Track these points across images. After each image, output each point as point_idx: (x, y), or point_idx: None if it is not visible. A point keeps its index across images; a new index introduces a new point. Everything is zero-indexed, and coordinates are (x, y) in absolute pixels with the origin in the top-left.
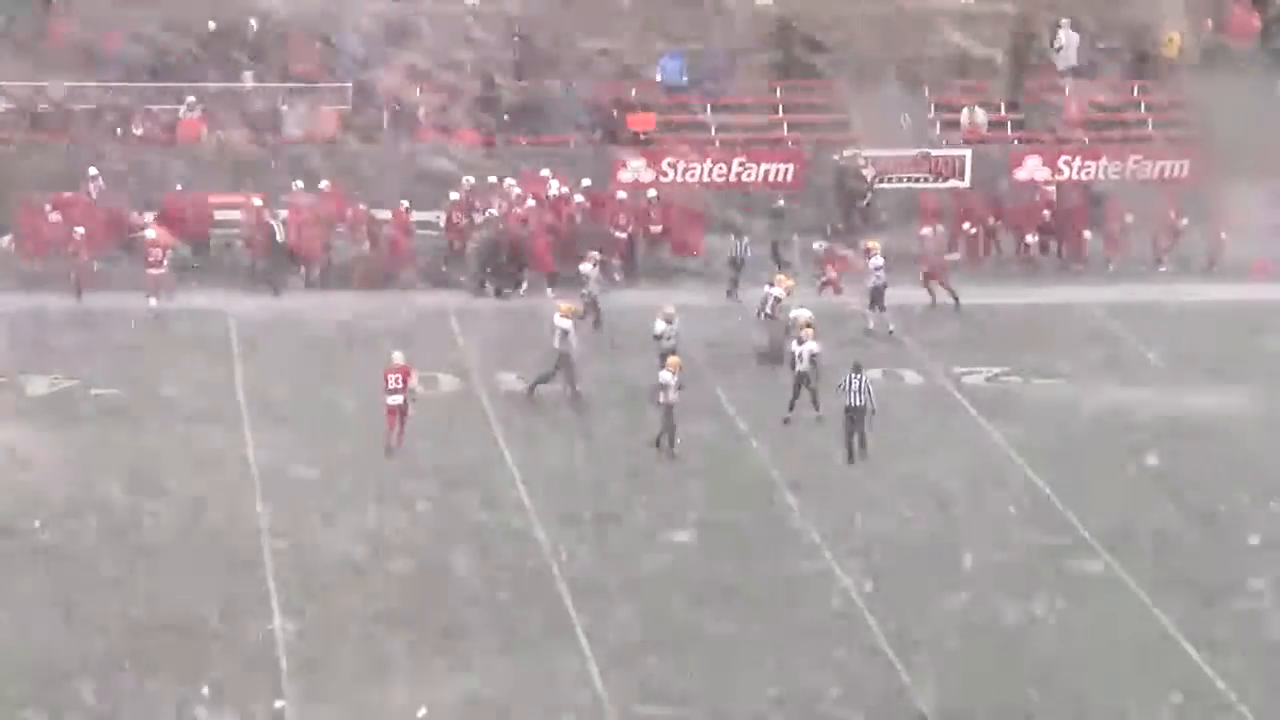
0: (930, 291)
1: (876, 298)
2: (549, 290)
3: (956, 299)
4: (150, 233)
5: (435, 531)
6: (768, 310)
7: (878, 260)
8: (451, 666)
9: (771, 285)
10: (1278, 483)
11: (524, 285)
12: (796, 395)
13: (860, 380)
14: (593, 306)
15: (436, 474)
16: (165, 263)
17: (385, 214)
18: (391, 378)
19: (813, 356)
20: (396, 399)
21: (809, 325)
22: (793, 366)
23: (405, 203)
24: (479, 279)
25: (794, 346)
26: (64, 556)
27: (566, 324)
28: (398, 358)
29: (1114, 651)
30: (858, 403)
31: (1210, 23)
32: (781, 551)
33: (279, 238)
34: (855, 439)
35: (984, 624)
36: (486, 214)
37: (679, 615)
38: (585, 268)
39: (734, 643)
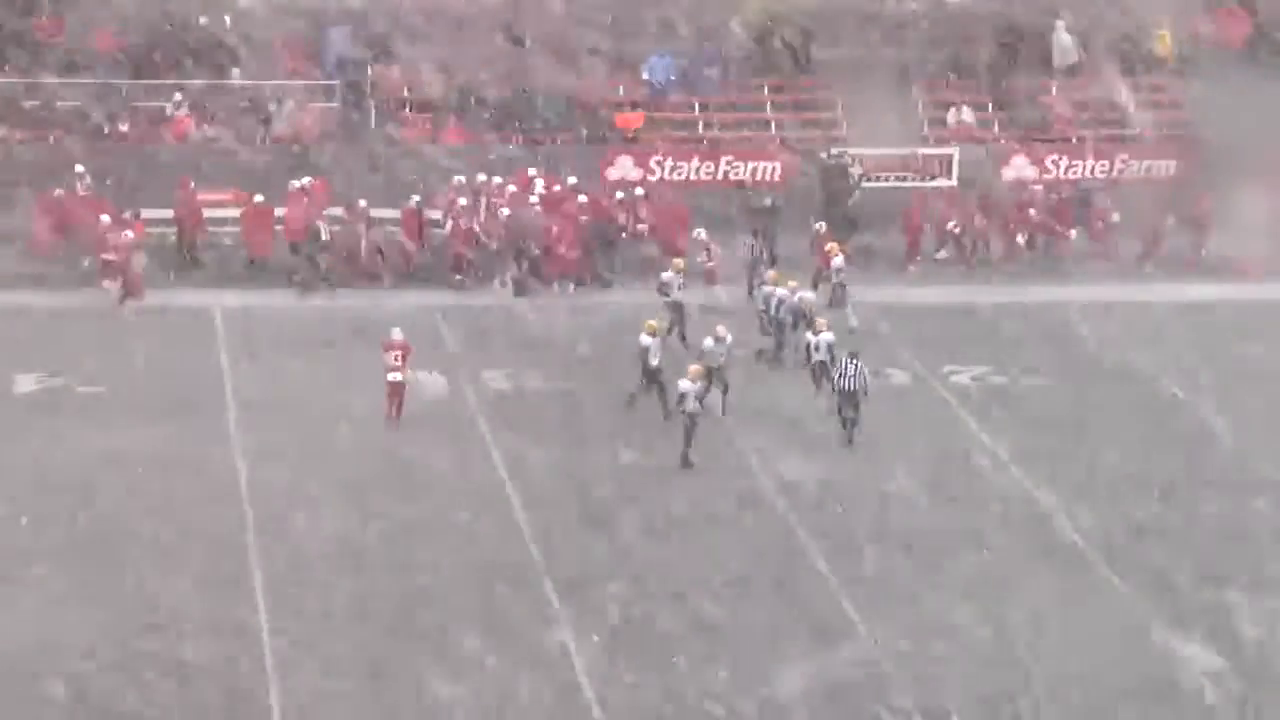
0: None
1: (838, 297)
2: (524, 290)
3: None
4: (105, 217)
5: (421, 529)
6: (771, 310)
7: (839, 261)
8: (437, 663)
9: (772, 285)
10: (1263, 481)
11: (561, 286)
12: (819, 385)
13: (856, 366)
14: (679, 315)
15: (422, 472)
16: (131, 258)
17: (385, 213)
18: (391, 354)
19: (829, 347)
20: (396, 375)
21: (818, 316)
22: (809, 358)
23: (416, 198)
24: (510, 279)
25: (809, 337)
26: (50, 554)
27: (649, 341)
28: (396, 334)
29: (1101, 650)
30: (851, 387)
31: (1202, 23)
32: (768, 549)
33: (324, 236)
34: (847, 423)
35: (970, 622)
36: (499, 214)
37: (665, 612)
38: (667, 275)
39: (721, 640)
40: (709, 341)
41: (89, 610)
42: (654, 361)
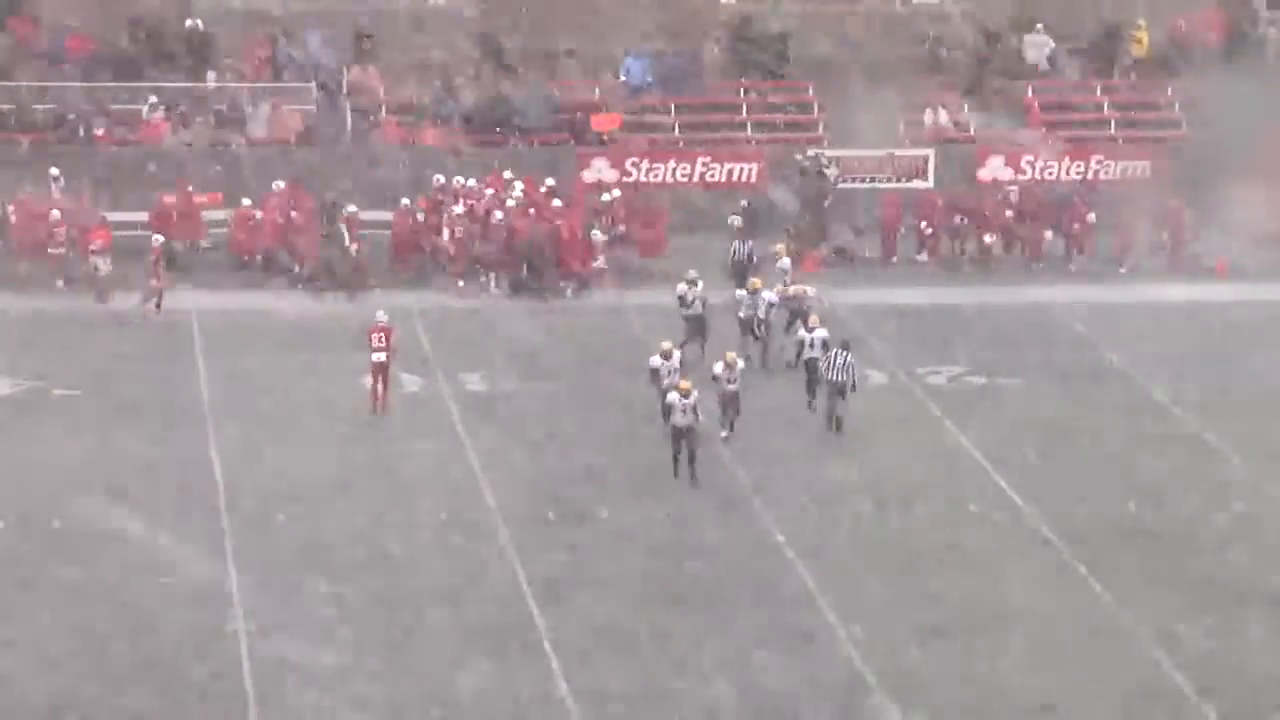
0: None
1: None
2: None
3: None
4: (55, 214)
5: (398, 531)
6: (759, 314)
7: (785, 263)
8: (414, 665)
9: (751, 291)
10: (1235, 480)
11: (564, 289)
12: (810, 382)
13: (845, 357)
14: (700, 327)
15: (400, 473)
16: (94, 255)
17: (374, 215)
18: (375, 336)
19: (824, 343)
20: (380, 357)
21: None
22: (799, 355)
23: (406, 200)
24: (505, 282)
25: (801, 333)
26: (25, 559)
27: (658, 362)
28: (381, 317)
29: (1074, 646)
30: (839, 379)
31: (1180, 22)
32: (744, 550)
33: (346, 242)
34: (833, 414)
35: (946, 622)
36: (493, 217)
37: (642, 615)
38: (682, 288)
39: (698, 642)
40: (719, 367)
41: (66, 615)
42: (662, 385)
